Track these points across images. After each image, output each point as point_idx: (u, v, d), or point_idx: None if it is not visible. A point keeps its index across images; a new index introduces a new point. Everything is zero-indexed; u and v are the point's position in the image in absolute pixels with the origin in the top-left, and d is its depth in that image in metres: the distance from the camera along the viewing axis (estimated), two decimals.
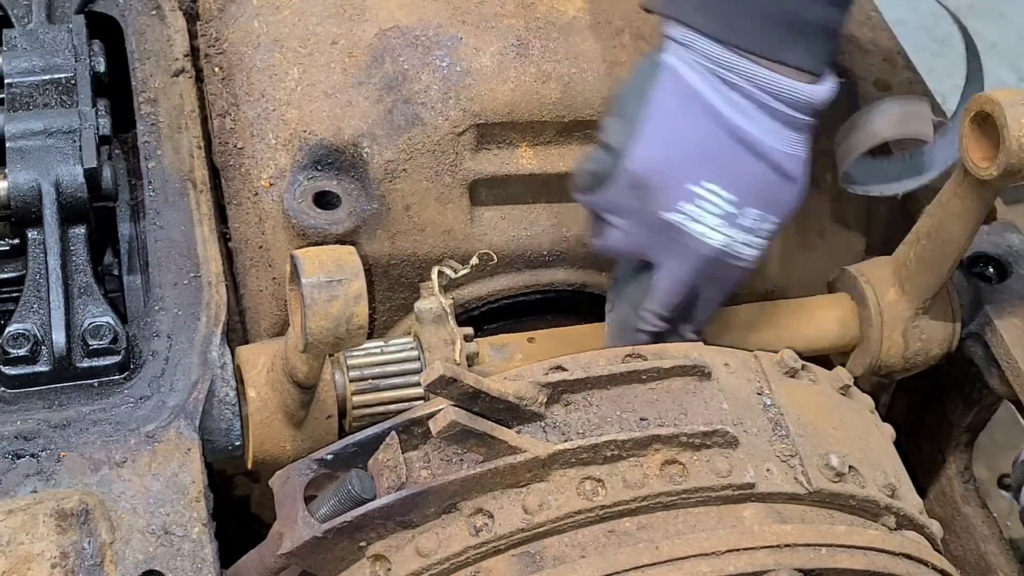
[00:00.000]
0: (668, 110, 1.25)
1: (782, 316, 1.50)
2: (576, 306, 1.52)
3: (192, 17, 1.64)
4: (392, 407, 1.33)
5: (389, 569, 1.15)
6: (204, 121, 1.56)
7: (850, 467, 1.20)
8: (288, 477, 1.18)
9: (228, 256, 1.50)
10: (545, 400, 1.16)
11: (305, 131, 1.41)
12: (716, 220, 1.26)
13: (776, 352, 1.29)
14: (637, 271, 1.34)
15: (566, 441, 1.15)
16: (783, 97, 1.24)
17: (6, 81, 1.46)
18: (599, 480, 1.14)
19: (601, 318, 1.48)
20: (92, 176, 1.39)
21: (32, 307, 1.33)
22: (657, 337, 1.34)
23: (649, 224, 1.28)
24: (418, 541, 1.14)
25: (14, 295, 1.39)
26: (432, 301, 1.38)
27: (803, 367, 1.28)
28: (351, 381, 1.34)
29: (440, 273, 1.39)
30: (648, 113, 1.26)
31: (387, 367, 1.35)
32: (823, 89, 1.25)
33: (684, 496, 1.15)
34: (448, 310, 1.37)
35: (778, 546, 1.13)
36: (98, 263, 1.46)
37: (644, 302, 1.33)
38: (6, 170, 1.38)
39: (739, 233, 1.27)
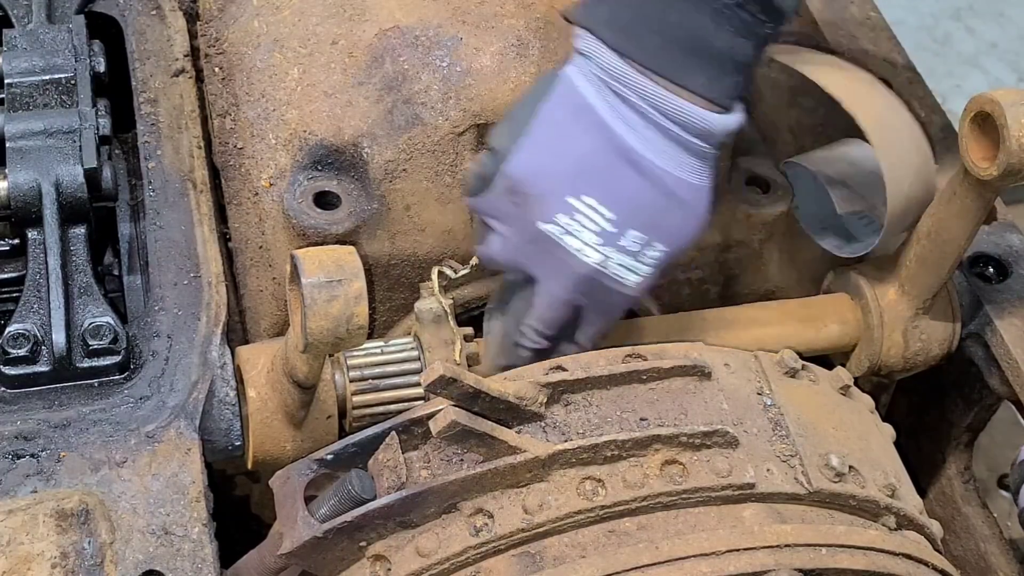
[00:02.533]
0: (556, 119, 1.23)
1: (782, 316, 1.50)
2: None
3: (192, 17, 1.64)
4: (392, 407, 1.33)
5: (389, 569, 1.15)
6: (204, 121, 1.56)
7: (850, 467, 1.20)
8: (288, 477, 1.18)
9: (228, 256, 1.50)
10: (545, 400, 1.16)
11: (305, 131, 1.41)
12: (593, 237, 1.22)
13: (776, 352, 1.29)
14: (521, 286, 1.31)
15: (566, 441, 1.15)
16: (678, 120, 1.20)
17: (6, 81, 1.46)
18: (599, 480, 1.14)
19: None
20: (92, 176, 1.39)
21: (32, 307, 1.33)
22: (538, 354, 1.31)
23: (526, 234, 1.24)
24: (418, 541, 1.14)
25: (14, 295, 1.39)
26: (432, 301, 1.38)
27: (803, 367, 1.28)
28: (351, 381, 1.34)
29: (440, 273, 1.39)
30: (536, 121, 1.23)
31: (387, 367, 1.35)
32: (726, 119, 1.22)
33: (684, 496, 1.15)
34: (448, 310, 1.37)
35: (778, 546, 1.13)
36: (98, 263, 1.46)
37: (525, 317, 1.30)
38: (6, 170, 1.38)
39: (618, 255, 1.23)
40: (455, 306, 1.39)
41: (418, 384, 1.33)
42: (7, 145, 1.40)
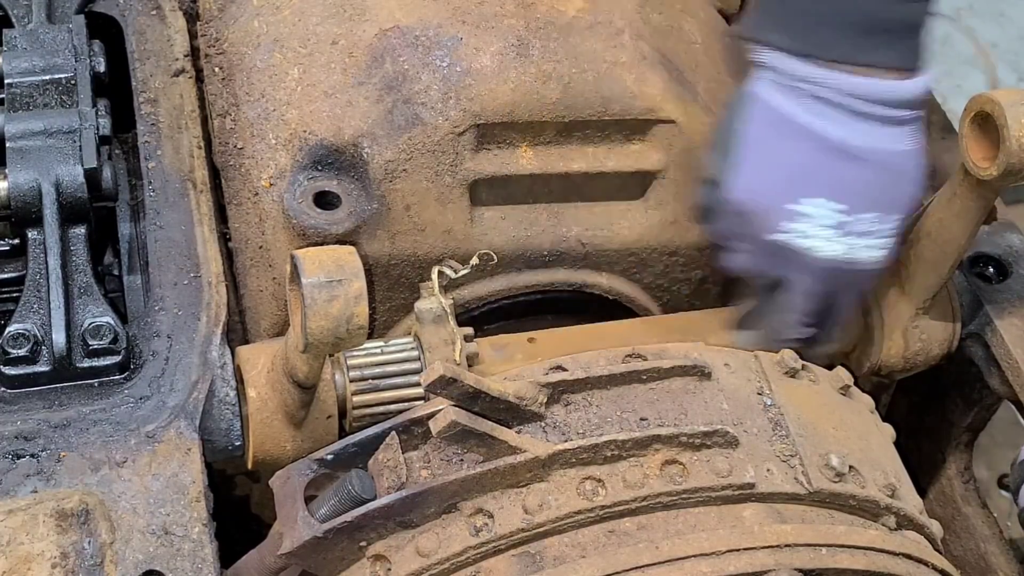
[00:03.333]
0: (759, 138, 1.29)
1: None
2: (576, 306, 1.52)
3: (192, 17, 1.64)
4: (392, 407, 1.33)
5: (389, 569, 1.15)
6: (204, 121, 1.56)
7: (850, 467, 1.20)
8: (288, 477, 1.18)
9: (228, 256, 1.50)
10: (545, 400, 1.16)
11: (305, 131, 1.41)
12: (827, 232, 1.29)
13: (776, 352, 1.29)
14: (773, 289, 1.37)
15: (566, 441, 1.15)
16: (874, 98, 1.25)
17: (6, 81, 1.46)
18: (599, 480, 1.14)
19: (601, 318, 1.49)
20: (92, 176, 1.39)
21: (32, 307, 1.33)
22: (807, 342, 1.38)
23: (762, 247, 1.32)
24: (418, 541, 1.14)
25: (14, 295, 1.39)
26: (432, 301, 1.38)
27: (803, 367, 1.28)
28: (351, 381, 1.34)
29: (440, 273, 1.39)
30: (742, 144, 1.30)
31: (387, 367, 1.35)
32: (916, 83, 1.27)
33: (684, 496, 1.15)
34: (448, 310, 1.37)
35: (778, 546, 1.13)
36: (98, 263, 1.46)
37: (784, 315, 1.37)
38: (6, 170, 1.38)
39: (855, 240, 1.29)
40: (455, 306, 1.39)
41: (418, 384, 1.33)
42: (7, 145, 1.40)
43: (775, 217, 1.29)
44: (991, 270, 1.57)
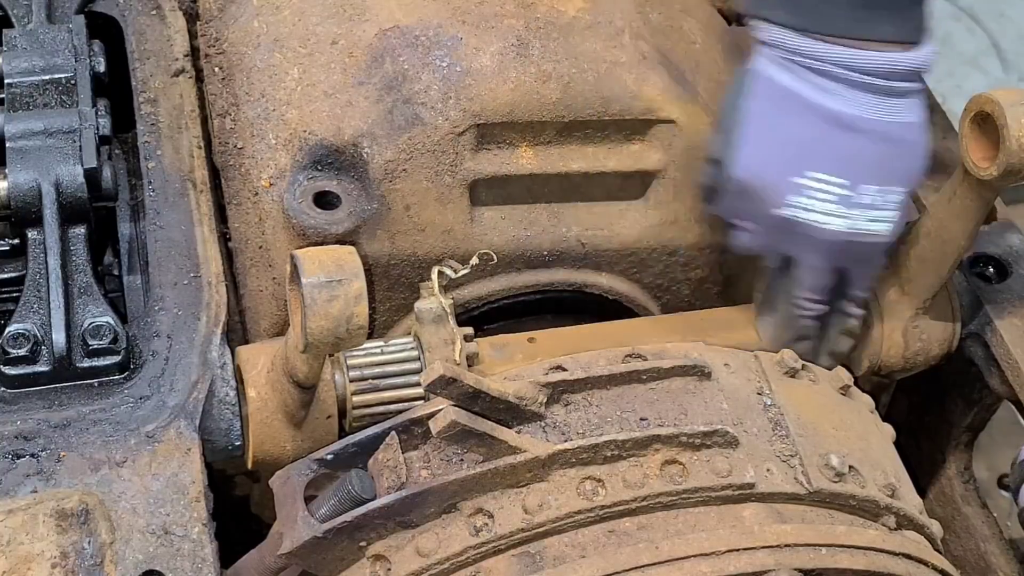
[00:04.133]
0: (760, 113, 1.30)
1: None
2: (576, 306, 1.52)
3: (192, 17, 1.64)
4: (392, 407, 1.33)
5: (389, 569, 1.15)
6: (204, 121, 1.56)
7: (850, 467, 1.20)
8: (288, 477, 1.18)
9: (228, 256, 1.50)
10: (545, 400, 1.16)
11: (305, 131, 1.41)
12: (831, 206, 1.29)
13: (776, 352, 1.29)
14: (783, 267, 1.38)
15: (566, 441, 1.15)
16: (874, 71, 1.26)
17: (6, 81, 1.46)
18: (599, 480, 1.14)
19: (601, 318, 1.49)
20: (92, 176, 1.39)
21: (32, 307, 1.33)
22: (822, 319, 1.39)
23: (769, 223, 1.33)
24: (418, 541, 1.14)
25: (14, 295, 1.39)
26: (432, 301, 1.38)
27: (803, 367, 1.28)
28: (351, 381, 1.34)
29: (440, 273, 1.39)
30: (744, 121, 1.31)
31: (387, 367, 1.35)
32: (919, 54, 1.27)
33: (684, 496, 1.15)
34: (448, 310, 1.37)
35: (778, 546, 1.13)
36: (98, 263, 1.46)
37: (795, 292, 1.38)
38: (6, 170, 1.38)
39: (860, 211, 1.30)
40: (455, 306, 1.39)
41: (418, 384, 1.33)
42: (7, 145, 1.40)
43: (779, 192, 1.30)
44: (991, 270, 1.57)
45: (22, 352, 1.29)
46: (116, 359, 1.31)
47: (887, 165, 1.30)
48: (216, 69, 1.53)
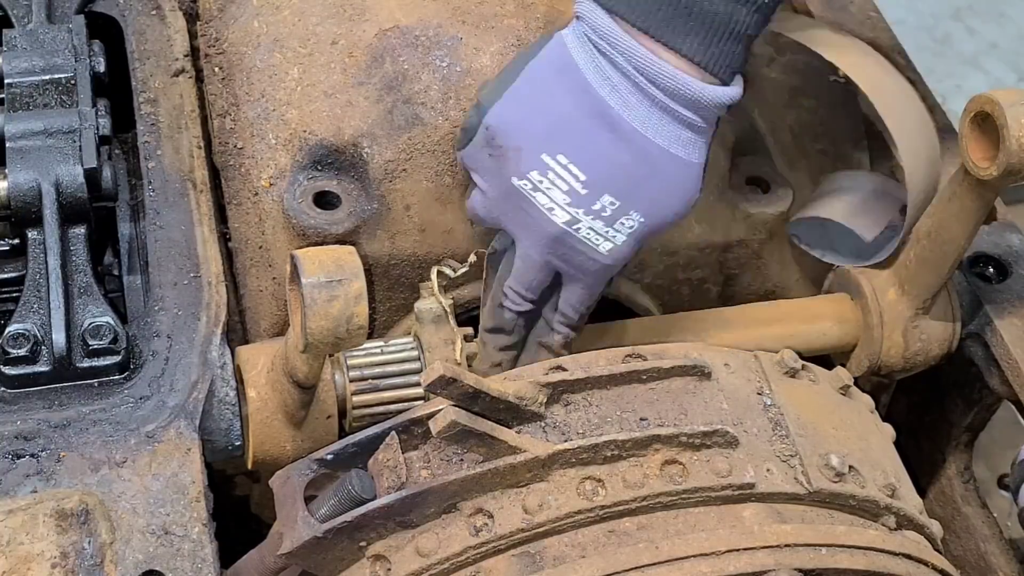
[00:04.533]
0: (540, 76, 1.24)
1: (782, 316, 1.50)
2: None
3: (192, 17, 1.64)
4: (392, 407, 1.33)
5: (389, 569, 1.15)
6: (204, 121, 1.56)
7: (850, 467, 1.20)
8: (288, 477, 1.18)
9: (228, 256, 1.50)
10: (545, 400, 1.16)
11: (305, 131, 1.41)
12: (561, 195, 1.23)
13: (776, 352, 1.29)
14: (508, 249, 1.32)
15: (566, 441, 1.15)
16: (664, 86, 1.18)
17: (6, 81, 1.46)
18: (599, 480, 1.14)
19: (601, 318, 1.48)
20: (92, 176, 1.39)
21: (32, 307, 1.33)
22: (523, 318, 1.32)
23: (501, 188, 1.26)
24: (418, 541, 1.14)
25: (14, 295, 1.39)
26: (432, 301, 1.38)
27: (803, 367, 1.28)
28: (351, 381, 1.34)
29: (440, 273, 1.39)
30: (521, 77, 1.25)
31: (387, 367, 1.35)
32: (717, 91, 1.19)
33: (684, 496, 1.15)
34: (448, 310, 1.37)
35: (778, 546, 1.13)
36: (98, 263, 1.46)
37: (505, 278, 1.32)
38: (6, 170, 1.38)
39: (589, 218, 1.23)
40: (455, 306, 1.39)
41: (418, 384, 1.33)
42: (7, 145, 1.40)
43: (521, 161, 1.23)
44: (991, 270, 1.56)
45: (22, 352, 1.29)
46: (116, 359, 1.31)
47: (635, 185, 1.22)
48: (216, 69, 1.53)
